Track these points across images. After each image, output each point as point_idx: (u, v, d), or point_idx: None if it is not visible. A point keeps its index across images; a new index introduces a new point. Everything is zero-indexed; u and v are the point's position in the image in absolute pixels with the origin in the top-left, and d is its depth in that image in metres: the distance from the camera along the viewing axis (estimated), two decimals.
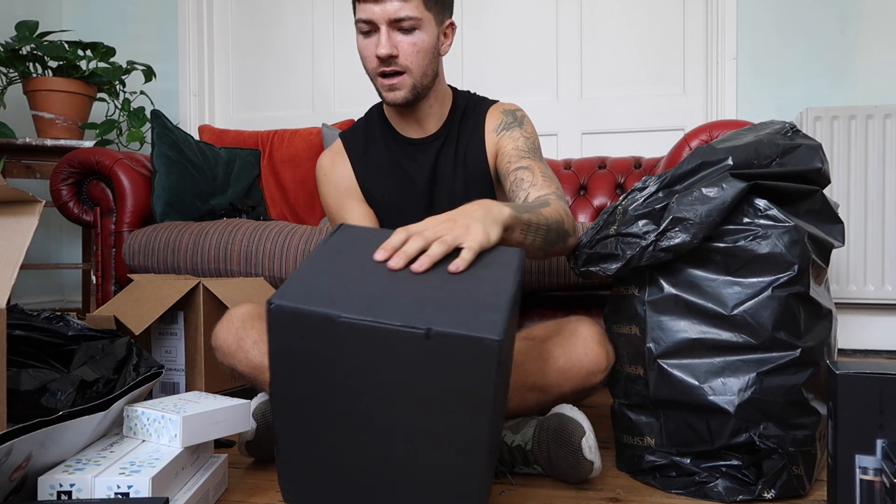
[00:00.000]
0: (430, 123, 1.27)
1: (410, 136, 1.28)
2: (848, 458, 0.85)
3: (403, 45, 1.15)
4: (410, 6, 1.13)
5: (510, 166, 1.21)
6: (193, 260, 1.81)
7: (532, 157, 1.21)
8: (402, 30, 1.14)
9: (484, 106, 1.31)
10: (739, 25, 2.40)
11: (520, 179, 1.17)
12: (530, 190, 1.15)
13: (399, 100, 1.18)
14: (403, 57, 1.15)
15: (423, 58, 1.17)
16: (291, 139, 2.46)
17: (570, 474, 1.03)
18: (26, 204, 0.90)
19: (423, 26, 1.15)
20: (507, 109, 1.29)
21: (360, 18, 1.14)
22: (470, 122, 1.29)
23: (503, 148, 1.24)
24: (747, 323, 0.97)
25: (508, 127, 1.26)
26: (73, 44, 2.46)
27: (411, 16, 1.13)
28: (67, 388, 0.94)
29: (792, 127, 1.06)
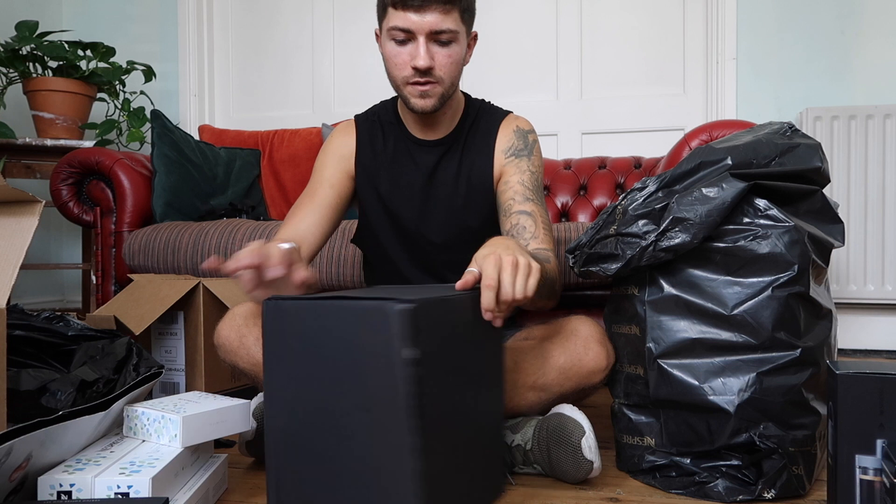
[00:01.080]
0: (440, 128, 1.26)
1: (417, 136, 1.27)
2: (848, 458, 0.85)
3: (440, 56, 1.14)
4: (451, 19, 1.12)
5: (513, 205, 1.22)
6: (193, 260, 1.81)
7: (535, 201, 1.23)
8: (439, 42, 1.13)
9: (496, 117, 1.30)
10: (739, 25, 2.40)
11: (521, 227, 1.19)
12: (531, 241, 1.18)
13: (429, 108, 1.18)
14: (439, 68, 1.14)
15: (455, 69, 1.17)
16: (291, 139, 2.47)
17: (570, 474, 1.03)
18: (26, 204, 0.90)
19: (458, 39, 1.15)
20: (520, 129, 1.28)
21: (396, 26, 1.12)
22: (480, 133, 1.28)
23: (508, 177, 1.25)
24: (747, 323, 0.97)
25: (518, 154, 1.26)
26: (73, 44, 2.46)
27: (451, 29, 1.12)
28: (67, 388, 0.94)
29: (791, 127, 1.06)
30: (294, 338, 0.82)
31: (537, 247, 1.17)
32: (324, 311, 0.81)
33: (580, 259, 1.10)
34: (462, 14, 1.14)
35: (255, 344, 1.13)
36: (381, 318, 0.77)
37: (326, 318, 0.81)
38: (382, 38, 1.18)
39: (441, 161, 1.27)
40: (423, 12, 1.10)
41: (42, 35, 2.42)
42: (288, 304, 0.83)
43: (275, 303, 0.83)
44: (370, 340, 0.78)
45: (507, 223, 1.22)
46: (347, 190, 1.29)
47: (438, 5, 1.10)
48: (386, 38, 1.15)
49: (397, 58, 1.15)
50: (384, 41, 1.17)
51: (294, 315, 0.82)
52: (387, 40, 1.15)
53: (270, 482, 0.85)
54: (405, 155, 1.27)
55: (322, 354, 0.81)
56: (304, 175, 2.40)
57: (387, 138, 1.29)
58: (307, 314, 0.82)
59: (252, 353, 1.13)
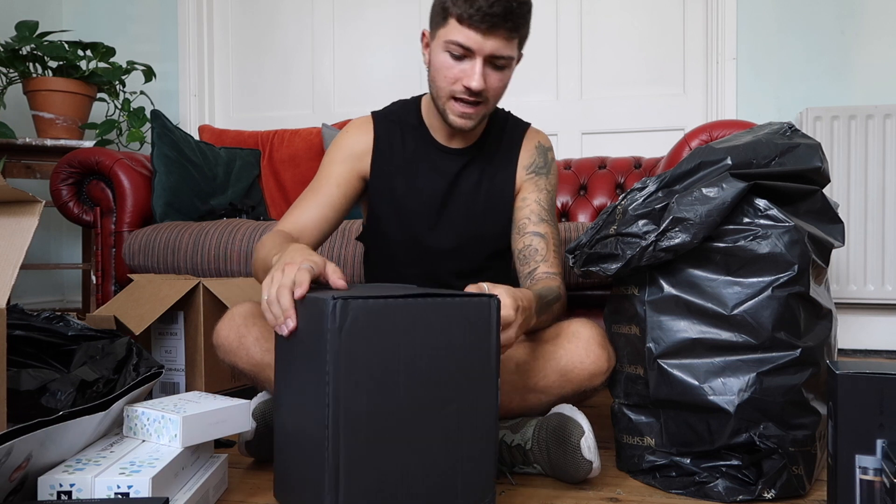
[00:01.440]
0: (467, 137, 1.26)
1: (441, 142, 1.26)
2: (848, 458, 0.85)
3: (492, 80, 1.13)
4: (511, 46, 1.11)
5: (527, 224, 1.24)
6: (193, 260, 1.81)
7: (549, 221, 1.25)
8: (494, 65, 1.12)
9: (519, 130, 1.30)
10: (739, 25, 2.40)
11: (533, 249, 1.22)
12: (541, 264, 1.20)
13: (468, 127, 1.17)
14: (489, 91, 1.14)
15: (502, 92, 1.17)
16: (291, 139, 2.47)
17: (570, 474, 1.03)
18: (26, 204, 0.90)
19: (511, 65, 1.15)
20: (541, 146, 1.30)
21: (457, 42, 1.09)
22: (504, 145, 1.28)
23: (527, 194, 1.26)
24: (747, 323, 0.97)
25: (538, 171, 1.28)
26: (73, 44, 2.46)
27: (509, 55, 1.12)
28: (67, 388, 0.94)
29: (791, 127, 1.06)
30: (372, 340, 0.78)
31: (546, 270, 1.20)
32: (411, 310, 0.81)
33: (580, 259, 1.10)
34: (521, 42, 1.14)
35: (255, 344, 1.12)
36: (481, 311, 0.84)
37: (415, 315, 0.81)
38: (435, 45, 1.14)
39: (463, 170, 1.26)
40: (488, 35, 1.08)
41: (42, 35, 2.42)
42: (368, 304, 0.78)
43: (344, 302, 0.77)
44: (466, 334, 0.83)
45: (521, 242, 1.24)
46: (354, 190, 1.27)
47: (504, 31, 1.08)
48: (440, 47, 1.12)
49: (449, 71, 1.12)
50: (437, 50, 1.13)
51: (374, 316, 0.78)
52: (440, 50, 1.12)
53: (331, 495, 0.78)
54: (426, 159, 1.26)
55: (406, 354, 0.80)
56: (304, 175, 2.40)
57: (406, 140, 1.27)
58: (390, 314, 0.79)
59: (251, 353, 1.12)
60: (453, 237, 1.26)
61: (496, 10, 1.06)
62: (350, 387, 0.78)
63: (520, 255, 1.23)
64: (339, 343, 0.77)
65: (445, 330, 0.82)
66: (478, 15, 1.06)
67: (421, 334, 0.81)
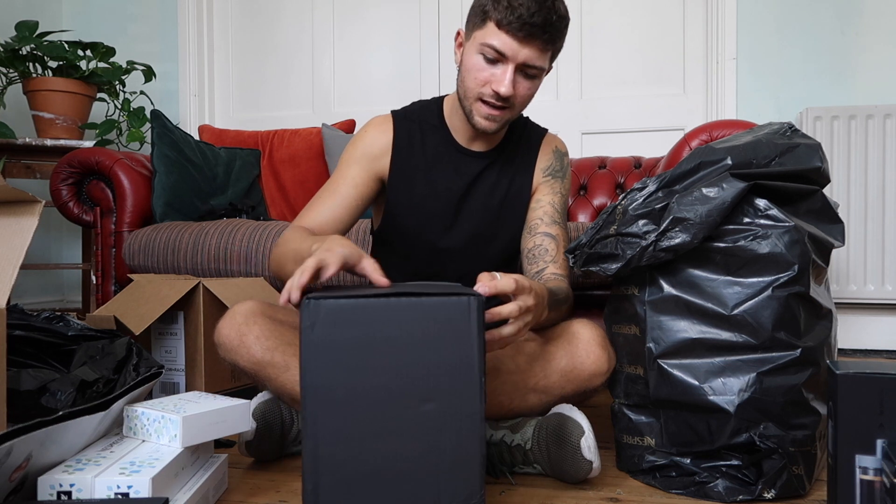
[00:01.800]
0: (488, 141, 1.26)
1: (462, 144, 1.26)
2: (848, 458, 0.85)
3: (521, 87, 1.14)
4: (544, 57, 1.12)
5: (539, 225, 1.25)
6: (193, 260, 1.81)
7: (561, 224, 1.26)
8: (525, 73, 1.13)
9: (538, 135, 1.32)
10: (739, 25, 2.40)
11: (543, 249, 1.22)
12: (550, 265, 1.21)
13: (490, 130, 1.18)
14: (516, 97, 1.15)
15: (529, 100, 1.18)
16: (291, 139, 2.46)
17: (570, 473, 1.03)
18: (26, 204, 0.90)
19: (541, 75, 1.16)
20: (558, 151, 1.32)
21: (492, 45, 1.09)
22: (522, 149, 1.29)
23: (541, 196, 1.28)
24: (747, 323, 0.97)
25: (554, 174, 1.29)
26: (72, 44, 2.46)
27: (541, 66, 1.13)
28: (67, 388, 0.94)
29: (791, 127, 1.06)
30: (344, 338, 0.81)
31: (554, 272, 1.20)
32: (384, 309, 0.82)
33: (580, 259, 1.10)
34: (554, 54, 1.15)
35: (256, 342, 1.12)
36: (458, 311, 0.81)
37: (388, 315, 0.81)
38: (469, 45, 1.15)
39: (483, 172, 1.27)
40: (524, 44, 1.09)
41: (42, 35, 2.42)
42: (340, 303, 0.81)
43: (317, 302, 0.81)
44: (440, 332, 0.81)
45: (531, 242, 1.24)
46: (370, 191, 1.27)
47: (540, 42, 1.09)
48: (474, 48, 1.13)
49: (480, 73, 1.13)
50: (470, 50, 1.14)
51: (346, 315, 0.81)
52: (474, 52, 1.13)
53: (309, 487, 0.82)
54: (446, 160, 1.26)
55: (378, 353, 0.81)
56: (304, 175, 2.40)
57: (426, 140, 1.27)
58: (362, 313, 0.81)
59: (252, 351, 1.13)
60: (468, 238, 1.26)
61: (536, 20, 1.06)
62: (324, 383, 0.81)
63: (529, 254, 1.24)
64: (311, 340, 0.81)
65: (420, 329, 0.81)
66: (517, 22, 1.06)
67: (394, 333, 0.81)
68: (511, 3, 1.07)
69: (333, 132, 2.36)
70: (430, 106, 1.30)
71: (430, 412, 0.82)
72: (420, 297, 0.82)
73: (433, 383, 0.82)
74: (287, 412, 1.17)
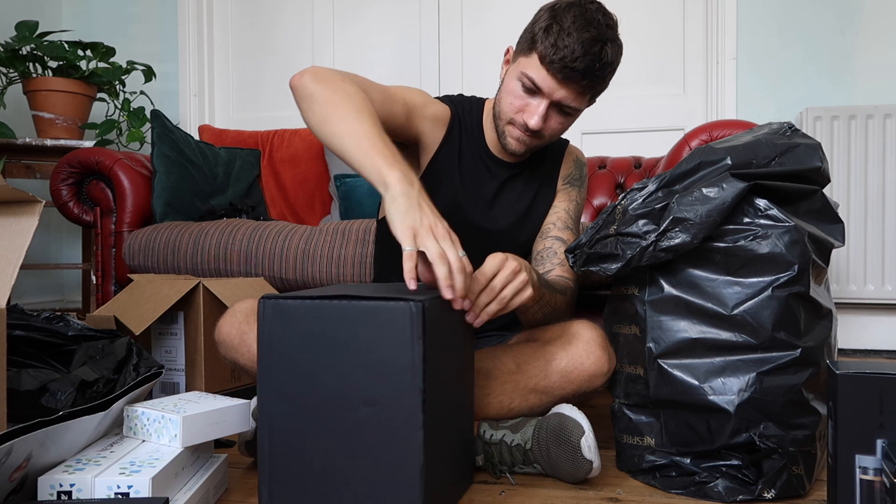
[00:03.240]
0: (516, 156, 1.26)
1: (493, 152, 1.27)
2: (848, 458, 0.85)
3: (553, 122, 1.14)
4: (581, 100, 1.12)
5: (551, 229, 1.26)
6: (193, 260, 1.81)
7: (573, 230, 1.27)
8: (560, 110, 1.13)
9: (560, 145, 1.33)
10: (739, 25, 2.40)
11: (552, 251, 1.23)
12: (557, 266, 1.22)
13: (518, 152, 1.19)
14: (546, 131, 1.15)
15: (559, 134, 1.19)
16: (291, 139, 2.46)
17: (570, 473, 1.03)
18: (26, 204, 0.90)
19: (576, 114, 1.16)
20: (579, 161, 1.34)
21: (532, 78, 1.09)
22: (547, 160, 1.31)
23: (557, 203, 1.30)
24: (747, 323, 0.97)
25: (572, 183, 1.31)
26: (73, 44, 2.46)
27: (576, 108, 1.13)
28: (67, 388, 0.94)
29: (791, 126, 1.06)
30: (295, 337, 0.83)
31: (560, 274, 1.21)
32: (330, 311, 0.82)
33: (580, 259, 1.10)
34: (593, 97, 1.15)
35: (256, 341, 1.13)
36: (398, 316, 0.80)
37: (334, 316, 0.82)
38: (513, 69, 1.14)
39: (508, 181, 1.28)
40: (562, 84, 1.09)
41: (42, 35, 2.42)
42: (290, 304, 0.83)
43: (274, 302, 0.84)
44: (383, 338, 0.80)
45: (541, 244, 1.25)
46: (407, 133, 1.18)
47: (579, 86, 1.09)
48: (515, 73, 1.13)
49: (516, 100, 1.13)
50: (512, 74, 1.14)
51: (296, 314, 0.83)
52: (514, 77, 1.13)
53: (262, 480, 0.85)
54: (476, 164, 1.27)
55: (326, 353, 0.82)
56: (304, 175, 2.40)
57: (464, 138, 1.26)
58: (310, 313, 0.83)
59: (253, 350, 1.13)
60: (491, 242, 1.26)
61: (578, 65, 1.06)
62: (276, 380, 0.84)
63: (538, 255, 1.25)
64: (264, 339, 0.84)
65: (363, 333, 0.81)
66: (559, 63, 1.06)
67: (339, 335, 0.82)
68: (558, 42, 1.05)
69: None
70: (473, 105, 1.30)
71: (371, 416, 0.81)
72: (363, 300, 0.81)
73: (374, 388, 0.81)
74: None
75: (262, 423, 0.85)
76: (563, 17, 1.07)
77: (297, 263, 1.73)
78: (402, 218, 0.85)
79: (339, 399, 0.82)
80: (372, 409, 0.81)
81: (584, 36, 1.05)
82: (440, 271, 0.83)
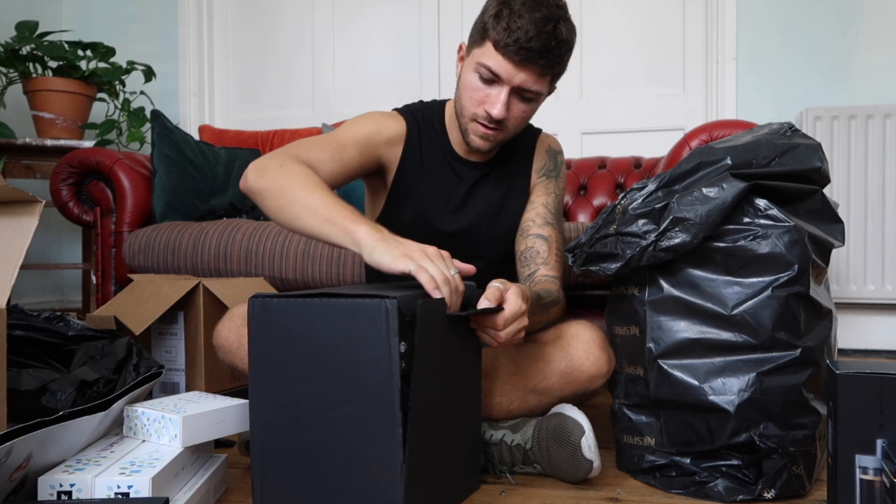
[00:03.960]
0: (483, 154, 1.25)
1: (460, 154, 1.26)
2: (848, 458, 0.85)
3: (515, 110, 1.12)
4: (541, 82, 1.10)
5: (531, 226, 1.24)
6: (193, 260, 1.81)
7: (554, 224, 1.25)
8: (520, 97, 1.11)
9: (531, 136, 1.30)
10: (739, 25, 2.40)
11: (535, 251, 1.21)
12: (541, 266, 1.20)
13: (484, 149, 1.17)
14: (510, 120, 1.13)
15: (524, 123, 1.17)
16: (291, 139, 2.46)
17: (570, 473, 1.03)
18: (26, 204, 0.90)
19: (539, 99, 1.14)
20: (552, 150, 1.31)
21: (488, 66, 1.07)
22: (519, 153, 1.28)
23: (535, 197, 1.27)
24: (747, 323, 0.97)
25: (548, 174, 1.28)
26: (73, 44, 2.46)
27: (538, 91, 1.10)
28: (67, 388, 0.94)
29: (791, 127, 1.06)
30: (280, 335, 0.85)
31: (546, 273, 1.19)
32: (312, 309, 0.84)
33: (580, 258, 1.10)
34: (553, 78, 1.13)
35: None
36: (373, 314, 0.81)
37: (315, 314, 0.84)
38: (468, 62, 1.13)
39: (479, 180, 1.26)
40: (520, 68, 1.07)
41: (42, 35, 2.42)
42: (275, 303, 0.85)
43: (261, 301, 0.86)
44: (359, 335, 0.81)
45: (523, 244, 1.23)
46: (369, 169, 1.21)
47: (538, 67, 1.07)
48: (471, 66, 1.11)
49: (475, 93, 1.11)
50: (468, 68, 1.12)
51: (281, 312, 0.85)
52: (471, 69, 1.11)
53: (255, 474, 0.87)
54: (444, 168, 1.25)
55: (309, 350, 0.84)
56: None
57: (428, 144, 1.26)
58: (294, 311, 0.84)
59: None
60: (468, 243, 1.26)
61: (533, 45, 1.04)
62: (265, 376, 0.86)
63: (521, 256, 1.23)
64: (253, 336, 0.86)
65: (341, 330, 0.83)
66: (514, 46, 1.04)
67: (320, 332, 0.83)
68: (510, 24, 1.04)
69: None
70: (433, 110, 1.28)
71: (350, 412, 0.83)
72: (342, 298, 0.83)
73: (353, 384, 0.82)
74: None
75: (253, 419, 0.87)
76: (513, 1, 1.06)
77: (297, 263, 1.73)
78: (391, 253, 0.88)
79: (322, 396, 0.83)
80: (352, 405, 0.82)
81: (535, 16, 1.04)
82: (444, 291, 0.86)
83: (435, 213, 1.25)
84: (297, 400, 0.85)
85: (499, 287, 0.92)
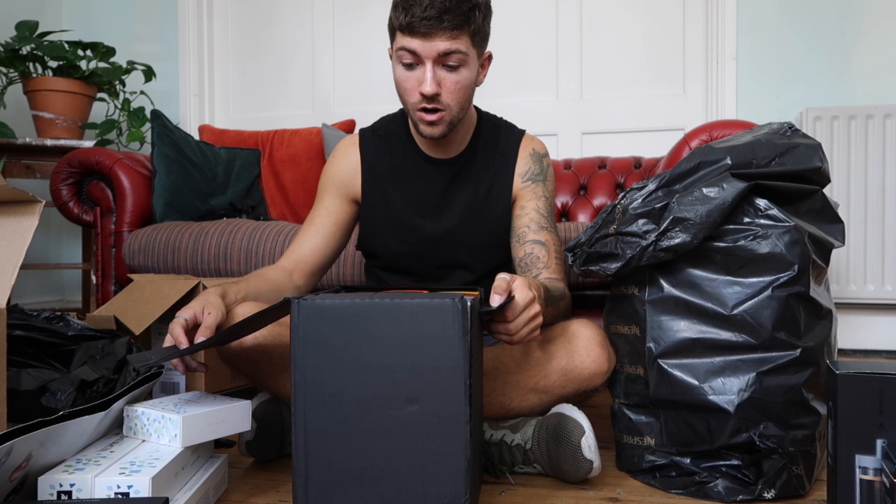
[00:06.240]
0: (451, 146, 1.25)
1: (428, 154, 1.26)
2: (848, 458, 0.85)
3: (447, 82, 1.12)
4: (459, 42, 1.10)
5: (527, 233, 1.24)
6: (193, 260, 1.81)
7: (549, 229, 1.25)
8: (446, 66, 1.11)
9: (514, 137, 1.30)
10: (739, 25, 2.40)
11: (535, 257, 1.21)
12: (543, 270, 1.20)
13: (437, 135, 1.17)
14: (446, 94, 1.13)
15: (463, 94, 1.15)
16: (291, 139, 2.46)
17: (570, 473, 1.03)
18: (26, 204, 0.90)
19: (467, 62, 1.13)
20: (536, 153, 1.29)
21: (404, 47, 1.10)
22: (499, 153, 1.28)
23: (525, 203, 1.26)
24: (747, 323, 0.97)
25: (534, 178, 1.27)
26: (73, 44, 2.46)
27: (460, 50, 1.10)
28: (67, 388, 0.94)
29: (791, 126, 1.06)
30: (333, 338, 0.84)
31: (549, 276, 1.19)
32: (372, 311, 0.83)
33: (580, 258, 1.10)
34: (472, 37, 1.12)
35: None
36: (445, 314, 0.82)
37: (375, 316, 0.83)
38: (393, 61, 1.16)
39: (455, 180, 1.26)
40: (429, 38, 1.08)
41: (42, 35, 2.42)
42: (327, 304, 0.84)
43: (310, 304, 0.84)
44: (425, 335, 0.82)
45: (521, 251, 1.23)
46: (346, 215, 1.30)
47: (446, 31, 1.08)
48: (395, 60, 1.14)
49: (406, 82, 1.13)
50: (394, 64, 1.15)
51: (334, 315, 0.84)
52: (396, 63, 1.14)
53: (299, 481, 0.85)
54: (418, 172, 1.26)
55: (367, 352, 0.83)
56: (304, 175, 2.40)
57: (394, 153, 1.27)
58: (350, 314, 0.84)
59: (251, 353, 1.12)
60: (451, 248, 1.26)
61: (430, 13, 1.06)
62: (312, 381, 0.84)
63: (521, 263, 1.24)
64: (300, 339, 0.85)
65: (405, 331, 0.83)
66: (416, 20, 1.07)
67: (380, 334, 0.83)
68: (406, 5, 1.08)
69: (333, 132, 2.36)
70: (396, 118, 1.31)
71: (414, 413, 0.83)
72: (405, 299, 0.83)
73: (418, 385, 0.83)
74: (287, 412, 1.17)
75: (296, 424, 0.85)
76: None
77: None
78: None
79: (382, 398, 0.83)
80: (416, 406, 0.83)
81: None
82: None
83: (416, 218, 1.26)
84: (351, 403, 0.84)
85: (505, 278, 0.93)
